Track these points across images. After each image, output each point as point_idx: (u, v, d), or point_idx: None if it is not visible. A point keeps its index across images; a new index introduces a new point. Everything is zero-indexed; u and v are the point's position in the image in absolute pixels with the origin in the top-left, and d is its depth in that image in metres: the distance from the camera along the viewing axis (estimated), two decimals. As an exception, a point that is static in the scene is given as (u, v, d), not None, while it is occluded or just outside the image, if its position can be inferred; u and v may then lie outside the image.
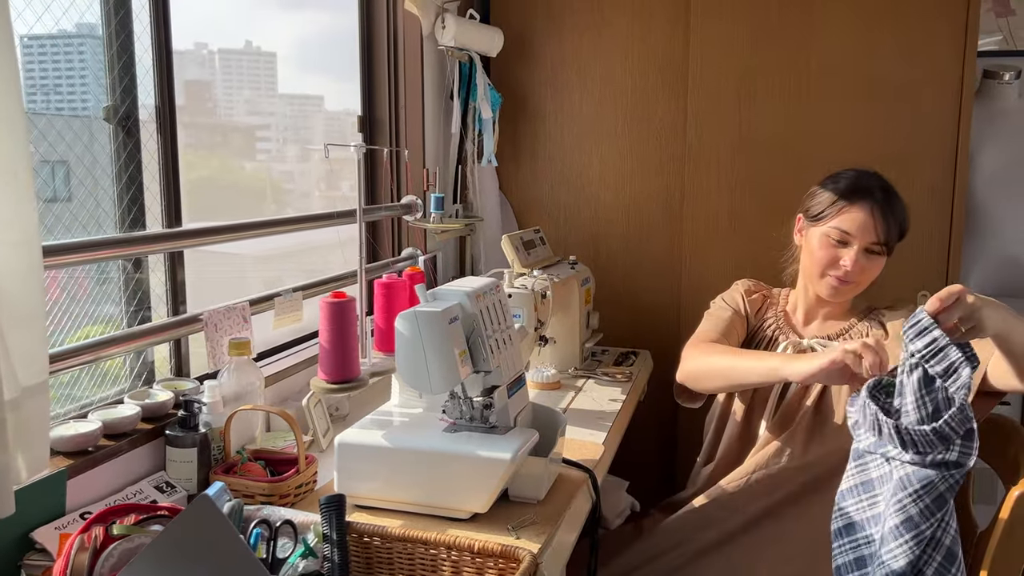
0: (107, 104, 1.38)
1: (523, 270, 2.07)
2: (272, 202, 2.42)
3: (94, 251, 1.31)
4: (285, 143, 2.40)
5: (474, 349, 1.37)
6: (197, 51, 2.22)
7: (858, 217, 1.62)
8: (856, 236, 1.62)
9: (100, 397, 1.41)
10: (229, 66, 2.31)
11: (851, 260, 1.63)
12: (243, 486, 1.34)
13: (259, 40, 2.38)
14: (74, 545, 0.98)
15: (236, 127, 2.43)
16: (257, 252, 2.25)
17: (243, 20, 2.32)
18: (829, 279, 1.66)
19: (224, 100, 2.39)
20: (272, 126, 2.48)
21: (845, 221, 1.63)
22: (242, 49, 2.35)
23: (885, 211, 1.61)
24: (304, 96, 2.40)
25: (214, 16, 2.17)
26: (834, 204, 1.64)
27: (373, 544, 1.23)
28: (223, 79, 2.30)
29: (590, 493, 1.51)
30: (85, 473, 1.23)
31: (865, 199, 1.62)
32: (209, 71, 2.26)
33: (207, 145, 2.38)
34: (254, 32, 2.35)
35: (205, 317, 1.49)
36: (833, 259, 1.64)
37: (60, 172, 1.39)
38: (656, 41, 2.51)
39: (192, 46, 2.21)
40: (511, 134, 2.67)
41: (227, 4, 2.22)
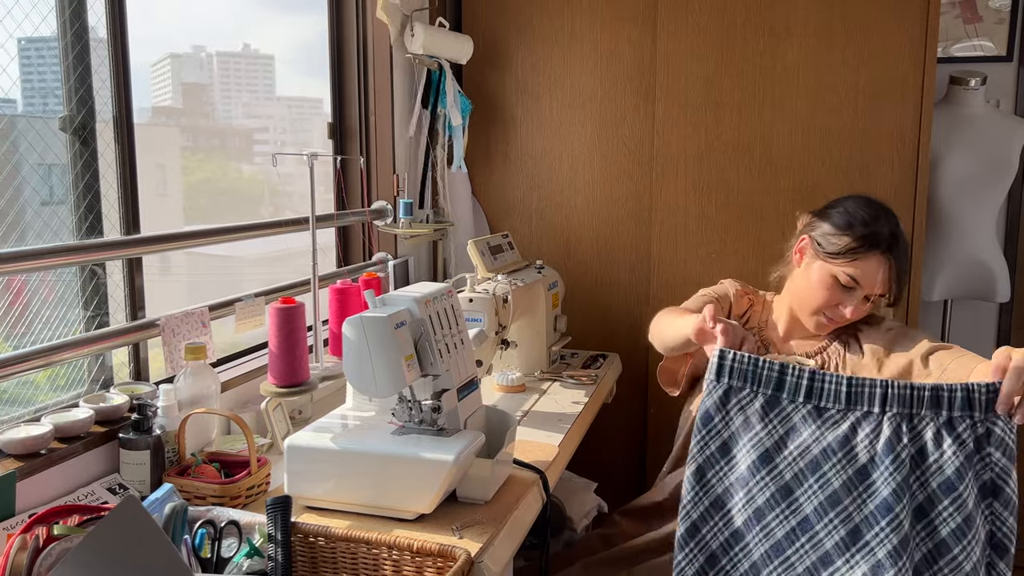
0: (63, 114, 1.41)
1: (488, 274, 2.10)
2: (270, 204, 2.45)
3: (50, 258, 1.33)
4: (283, 146, 2.43)
5: (422, 353, 1.40)
6: (195, 54, 2.25)
7: (870, 268, 1.56)
8: (864, 286, 1.57)
9: (56, 401, 1.44)
10: (227, 69, 2.34)
11: (851, 309, 1.59)
12: (194, 488, 1.37)
13: (257, 43, 2.40)
14: (14, 545, 1.01)
15: (234, 130, 2.46)
16: (253, 255, 2.28)
17: (241, 23, 2.35)
18: (821, 318, 1.63)
19: (222, 103, 2.42)
20: (270, 129, 2.50)
21: (858, 269, 1.56)
22: (240, 52, 2.38)
23: (896, 264, 1.58)
24: (302, 99, 2.43)
25: (212, 19, 2.20)
26: (849, 250, 1.57)
27: (318, 544, 1.26)
28: (221, 82, 2.32)
29: (541, 494, 1.54)
30: (37, 475, 1.26)
31: (879, 250, 1.56)
32: (207, 74, 2.29)
33: (205, 148, 2.41)
34: (252, 35, 2.38)
35: (162, 322, 1.52)
36: (833, 301, 1.60)
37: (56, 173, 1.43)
38: (624, 49, 2.55)
39: (190, 49, 2.24)
40: (483, 140, 2.71)
41: (225, 7, 2.25)
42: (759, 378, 1.11)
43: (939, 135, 2.62)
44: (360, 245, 2.42)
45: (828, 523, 1.07)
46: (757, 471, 1.10)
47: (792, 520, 1.09)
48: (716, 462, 1.12)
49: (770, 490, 1.10)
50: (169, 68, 2.18)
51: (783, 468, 1.09)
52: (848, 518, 1.06)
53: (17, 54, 1.37)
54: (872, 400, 1.06)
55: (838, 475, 1.07)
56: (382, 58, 2.37)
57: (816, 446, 1.08)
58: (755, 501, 1.10)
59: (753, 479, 1.10)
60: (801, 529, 1.08)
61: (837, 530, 1.07)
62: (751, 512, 1.10)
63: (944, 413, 1.05)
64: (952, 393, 1.05)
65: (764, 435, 1.10)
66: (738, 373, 1.12)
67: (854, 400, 1.07)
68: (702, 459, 1.12)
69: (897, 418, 1.05)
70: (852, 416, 1.07)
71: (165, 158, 2.22)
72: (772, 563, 1.09)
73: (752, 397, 1.11)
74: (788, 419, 1.10)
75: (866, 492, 1.06)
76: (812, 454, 1.08)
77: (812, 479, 1.08)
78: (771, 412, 1.10)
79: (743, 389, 1.12)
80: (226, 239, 1.73)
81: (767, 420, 1.10)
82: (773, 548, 1.10)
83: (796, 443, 1.09)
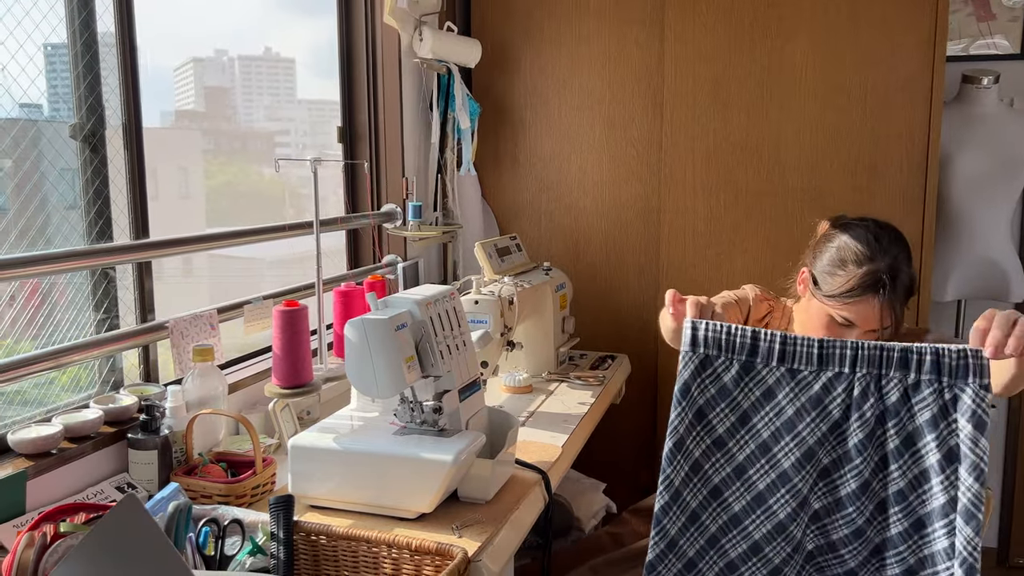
0: (73, 122, 1.45)
1: (495, 276, 2.12)
2: (290, 207, 2.49)
3: (61, 262, 1.37)
4: (304, 148, 2.46)
5: (423, 355, 1.42)
6: (217, 58, 2.29)
7: (865, 310, 1.53)
8: (860, 324, 1.55)
9: (67, 401, 1.47)
10: (249, 72, 2.37)
11: None
12: (201, 487, 1.39)
13: (278, 46, 2.44)
14: (22, 541, 1.04)
15: (256, 133, 2.49)
16: (272, 257, 2.32)
17: (262, 27, 2.39)
18: None
19: (244, 106, 2.45)
20: (291, 131, 2.54)
21: (851, 311, 1.54)
22: (261, 55, 2.41)
23: (893, 303, 1.53)
24: (323, 102, 2.45)
25: (234, 23, 2.24)
26: (843, 295, 1.54)
27: (320, 542, 1.28)
28: (243, 85, 2.36)
29: (543, 494, 1.55)
30: (47, 474, 1.30)
31: (876, 295, 1.52)
32: (229, 77, 2.33)
33: (226, 151, 2.45)
34: (273, 38, 2.41)
35: (171, 325, 1.55)
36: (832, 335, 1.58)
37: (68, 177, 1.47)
38: (632, 51, 2.56)
39: (212, 53, 2.27)
40: (493, 142, 2.73)
41: (247, 11, 2.28)
42: (733, 345, 1.13)
43: (951, 134, 2.60)
44: (370, 248, 2.45)
45: (805, 475, 1.11)
46: (736, 431, 1.13)
47: (772, 473, 1.12)
48: (694, 428, 1.15)
49: (749, 447, 1.13)
50: (192, 72, 2.21)
51: (760, 427, 1.12)
52: (823, 470, 1.11)
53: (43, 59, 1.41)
54: (843, 361, 1.08)
55: (812, 433, 1.09)
56: (391, 62, 2.39)
57: (791, 407, 1.11)
58: (735, 459, 1.13)
59: (732, 439, 1.13)
60: (781, 481, 1.11)
61: (812, 477, 1.11)
62: (731, 469, 1.14)
63: (912, 375, 1.06)
64: (921, 356, 1.06)
65: (741, 398, 1.13)
66: (712, 342, 1.14)
67: (826, 361, 1.09)
68: (683, 430, 1.14)
69: (867, 378, 1.07)
70: (824, 376, 1.10)
71: (188, 161, 2.26)
72: (754, 512, 1.13)
73: (728, 364, 1.13)
74: (763, 382, 1.12)
75: (838, 446, 1.09)
76: (787, 414, 1.11)
77: (788, 437, 1.11)
78: (746, 376, 1.13)
79: (718, 357, 1.13)
80: (233, 243, 1.76)
81: (743, 384, 1.13)
82: (755, 499, 1.13)
83: (771, 403, 1.12)
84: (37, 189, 1.43)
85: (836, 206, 2.42)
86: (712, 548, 1.16)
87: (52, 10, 1.41)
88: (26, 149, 1.41)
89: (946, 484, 1.05)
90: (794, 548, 1.12)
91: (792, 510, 1.11)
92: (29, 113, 1.43)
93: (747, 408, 1.12)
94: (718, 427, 1.13)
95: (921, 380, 1.06)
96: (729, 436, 1.13)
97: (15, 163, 1.40)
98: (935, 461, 1.06)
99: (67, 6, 1.43)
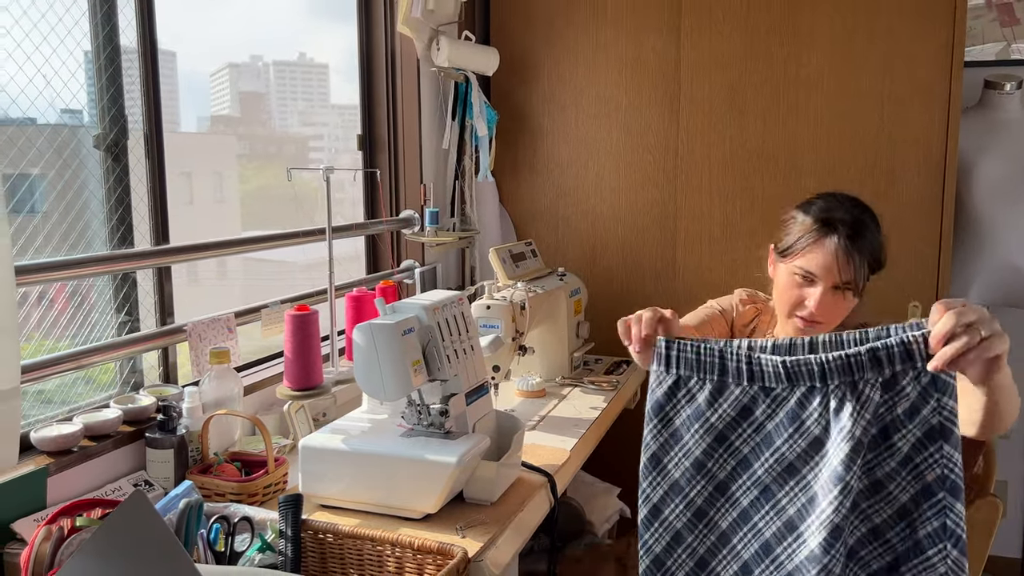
0: (97, 132, 1.50)
1: (509, 281, 2.15)
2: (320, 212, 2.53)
3: (84, 267, 1.43)
4: (336, 153, 2.51)
5: (429, 358, 1.45)
6: (252, 63, 2.35)
7: (822, 258, 1.51)
8: (821, 277, 1.51)
9: (88, 401, 1.53)
10: (283, 78, 2.43)
11: (815, 302, 1.52)
12: (214, 485, 1.44)
13: (312, 52, 2.50)
14: (39, 535, 1.09)
15: (290, 138, 2.55)
16: (304, 261, 2.37)
17: (296, 32, 2.44)
18: (796, 320, 1.57)
19: (278, 111, 2.51)
20: (325, 136, 2.59)
21: (809, 261, 1.52)
22: (295, 61, 2.47)
23: (850, 250, 1.50)
24: (355, 106, 2.49)
25: (269, 30, 2.30)
26: (799, 241, 1.54)
27: (327, 540, 1.32)
28: (277, 90, 2.42)
29: (549, 497, 1.58)
30: (67, 471, 1.35)
31: (831, 237, 1.51)
32: (264, 83, 2.39)
33: (261, 156, 2.51)
34: (307, 44, 2.47)
35: (189, 328, 1.60)
36: (799, 300, 1.55)
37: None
38: (649, 58, 2.57)
39: (248, 59, 2.34)
40: (511, 149, 2.76)
41: (282, 18, 2.34)
42: (703, 365, 1.10)
43: (973, 140, 2.58)
44: (389, 253, 2.49)
45: (789, 491, 1.07)
46: (714, 451, 1.09)
47: (755, 490, 1.09)
48: (671, 448, 1.12)
49: (730, 465, 1.10)
50: (228, 77, 2.27)
51: (739, 444, 1.09)
52: (807, 486, 1.06)
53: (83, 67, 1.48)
54: (812, 376, 1.04)
55: (792, 448, 1.06)
56: (410, 71, 2.44)
57: (769, 422, 1.07)
58: (716, 478, 1.10)
59: (711, 460, 1.10)
60: (765, 498, 1.08)
61: (799, 497, 1.06)
62: (712, 488, 1.10)
63: (887, 371, 1.02)
64: (890, 350, 1.01)
65: (715, 419, 1.09)
66: (684, 362, 1.11)
67: (794, 378, 1.05)
68: (656, 446, 1.12)
69: (842, 387, 1.03)
70: (798, 391, 1.05)
71: (223, 166, 2.33)
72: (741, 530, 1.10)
73: (700, 385, 1.10)
74: (738, 401, 1.09)
75: (821, 461, 1.04)
76: (766, 430, 1.07)
77: (767, 453, 1.07)
78: (720, 397, 1.09)
79: (691, 378, 1.11)
80: (250, 249, 1.81)
81: (717, 405, 1.10)
82: (740, 516, 1.10)
83: (748, 420, 1.09)
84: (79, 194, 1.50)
85: (853, 212, 2.42)
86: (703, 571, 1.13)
87: (77, 25, 1.47)
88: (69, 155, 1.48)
89: (931, 462, 1.02)
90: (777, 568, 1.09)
91: (777, 529, 1.07)
92: (71, 119, 1.49)
93: (723, 428, 1.09)
94: (695, 449, 1.10)
95: (897, 372, 1.02)
96: (707, 456, 1.10)
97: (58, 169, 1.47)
98: (913, 442, 1.02)
99: (91, 20, 1.49)
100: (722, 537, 1.11)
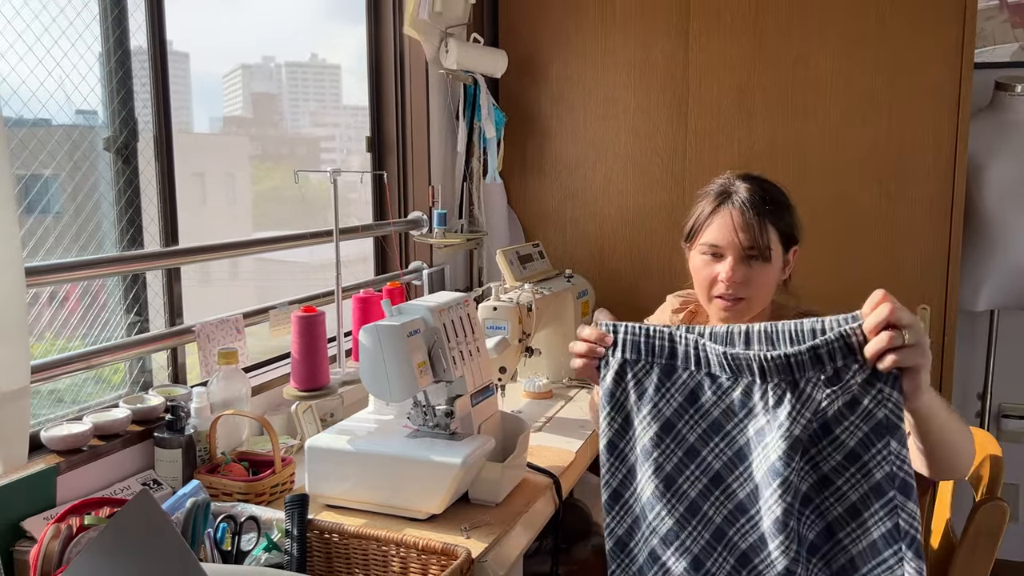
0: (107, 135, 1.52)
1: (516, 283, 2.16)
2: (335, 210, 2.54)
3: (93, 269, 1.45)
4: (349, 154, 2.52)
5: (435, 360, 1.46)
6: (264, 65, 2.37)
7: (721, 227, 1.47)
8: (725, 246, 1.46)
9: (98, 401, 1.55)
10: (295, 79, 2.45)
11: (727, 273, 1.46)
12: (222, 485, 1.45)
13: (324, 53, 2.51)
14: (48, 533, 1.11)
15: (302, 138, 2.56)
16: (316, 261, 2.39)
17: (308, 34, 2.46)
18: (716, 302, 1.51)
19: (290, 112, 2.53)
20: (337, 137, 2.60)
21: (711, 234, 1.48)
22: (307, 62, 2.49)
23: (748, 214, 1.45)
24: (367, 107, 2.50)
25: (281, 31, 2.31)
26: (698, 218, 1.52)
27: (332, 540, 1.33)
28: (289, 91, 2.43)
29: (554, 498, 1.58)
30: (77, 469, 1.37)
31: (726, 205, 1.47)
32: (276, 84, 2.40)
33: (273, 157, 2.52)
34: (319, 45, 2.48)
35: (197, 329, 1.61)
36: (712, 278, 1.49)
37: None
38: (657, 60, 2.58)
39: (260, 60, 2.35)
40: (520, 150, 2.77)
41: (293, 18, 2.35)
42: (651, 348, 1.09)
43: (983, 142, 2.57)
44: (397, 254, 2.50)
45: (739, 475, 1.06)
46: (660, 440, 1.08)
47: (703, 479, 1.07)
48: (624, 433, 1.11)
49: (676, 456, 1.08)
50: (240, 79, 2.29)
51: (686, 432, 1.08)
52: (753, 475, 1.05)
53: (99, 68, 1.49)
54: (752, 372, 1.02)
55: (741, 433, 1.05)
56: (418, 73, 2.45)
57: (715, 409, 1.06)
58: (663, 469, 1.08)
59: (657, 449, 1.08)
60: (714, 484, 1.07)
61: (747, 484, 1.05)
62: (660, 480, 1.08)
63: (828, 368, 0.99)
64: (830, 346, 0.99)
65: (663, 404, 1.08)
66: (631, 345, 1.10)
67: (736, 370, 1.04)
68: (611, 433, 1.11)
69: (782, 384, 1.01)
70: (742, 382, 1.04)
71: (235, 167, 2.34)
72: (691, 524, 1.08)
73: (648, 368, 1.09)
74: (685, 386, 1.08)
75: (763, 452, 1.03)
76: (713, 416, 1.06)
77: (717, 438, 1.06)
78: (667, 381, 1.08)
79: (638, 362, 1.09)
80: (258, 250, 1.83)
81: (664, 389, 1.08)
82: (688, 510, 1.08)
83: (695, 406, 1.07)
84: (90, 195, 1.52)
85: (861, 214, 2.41)
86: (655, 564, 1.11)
87: (88, 28, 1.49)
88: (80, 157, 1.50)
89: (879, 460, 0.98)
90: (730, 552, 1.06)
91: (728, 512, 1.06)
92: (85, 120, 1.51)
93: (670, 415, 1.08)
94: (643, 436, 1.09)
95: (839, 368, 0.98)
96: (655, 445, 1.08)
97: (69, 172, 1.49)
98: (860, 437, 0.99)
99: (102, 24, 1.50)
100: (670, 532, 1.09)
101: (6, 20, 1.36)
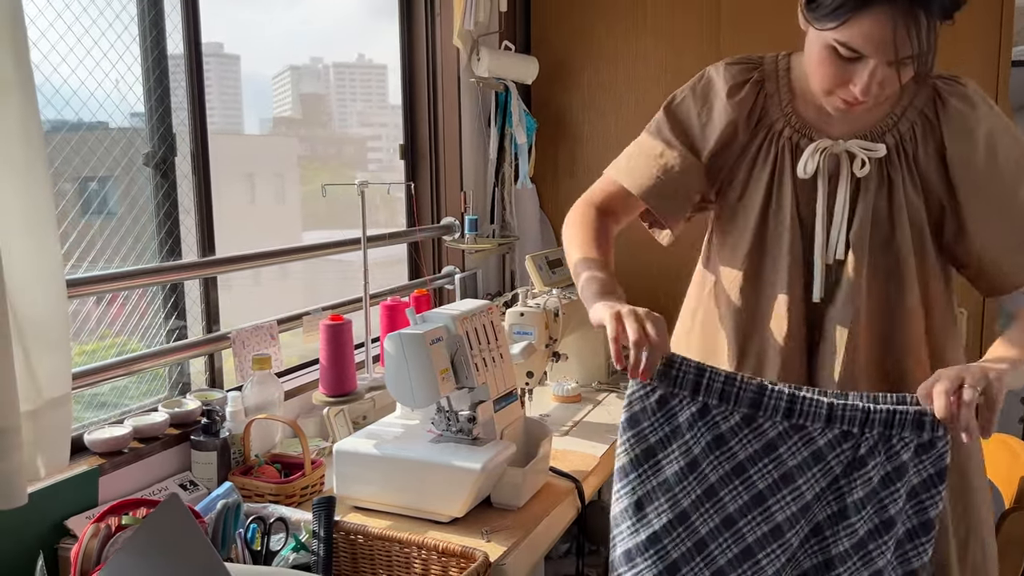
0: (147, 151, 1.59)
1: (544, 288, 2.19)
2: (383, 211, 2.61)
3: (132, 280, 1.52)
4: (394, 152, 2.57)
5: (457, 367, 1.50)
6: (313, 65, 2.43)
7: (869, 28, 1.10)
8: (871, 53, 1.12)
9: (139, 405, 1.62)
10: (343, 79, 2.50)
11: (863, 86, 1.15)
12: (254, 486, 1.51)
13: (371, 53, 2.56)
14: (88, 532, 1.17)
15: (349, 138, 2.62)
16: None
17: (356, 34, 2.51)
18: (835, 99, 1.21)
19: (338, 112, 2.58)
20: (383, 136, 2.66)
21: (854, 36, 1.11)
22: (355, 62, 2.54)
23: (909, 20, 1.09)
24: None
25: (329, 31, 2.37)
26: (836, 9, 1.11)
27: (358, 542, 1.37)
28: (337, 92, 2.49)
29: (577, 502, 1.61)
30: (118, 471, 1.44)
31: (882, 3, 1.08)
32: (324, 84, 2.47)
33: (321, 157, 2.58)
34: (366, 45, 2.54)
35: (233, 335, 1.68)
36: (840, 79, 1.17)
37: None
38: (688, 65, 2.57)
39: (308, 61, 2.42)
40: (551, 156, 2.79)
41: (341, 19, 2.41)
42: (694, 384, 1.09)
43: (1023, 143, 2.52)
44: (430, 259, 2.55)
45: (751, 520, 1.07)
46: (684, 477, 1.08)
47: (716, 517, 1.08)
48: (640, 464, 1.10)
49: (695, 492, 1.08)
50: (289, 80, 2.35)
51: (708, 471, 1.07)
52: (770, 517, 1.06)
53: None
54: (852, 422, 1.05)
55: (763, 478, 1.06)
56: (451, 80, 2.49)
57: (742, 452, 1.07)
58: (680, 504, 1.08)
59: (679, 485, 1.08)
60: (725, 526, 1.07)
61: (760, 527, 1.06)
62: (674, 515, 1.08)
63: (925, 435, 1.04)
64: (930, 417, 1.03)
65: (692, 442, 1.08)
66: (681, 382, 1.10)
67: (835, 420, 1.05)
68: (626, 460, 1.11)
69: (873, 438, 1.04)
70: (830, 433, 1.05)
71: (284, 167, 2.40)
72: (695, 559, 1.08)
73: (686, 403, 1.09)
74: (716, 426, 1.07)
75: (791, 495, 1.05)
76: (738, 459, 1.07)
77: (737, 481, 1.07)
78: (700, 420, 1.08)
79: (676, 396, 1.09)
80: (290, 259, 1.89)
81: (696, 426, 1.08)
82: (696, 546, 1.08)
83: (722, 448, 1.08)
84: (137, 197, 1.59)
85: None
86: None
87: (128, 50, 1.56)
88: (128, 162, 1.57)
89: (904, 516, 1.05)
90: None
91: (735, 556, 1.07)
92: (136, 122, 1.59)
93: (698, 453, 1.07)
94: (666, 469, 1.08)
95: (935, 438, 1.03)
96: (677, 481, 1.08)
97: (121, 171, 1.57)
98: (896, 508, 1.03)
99: (141, 45, 1.57)
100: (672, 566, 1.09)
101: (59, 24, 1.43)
